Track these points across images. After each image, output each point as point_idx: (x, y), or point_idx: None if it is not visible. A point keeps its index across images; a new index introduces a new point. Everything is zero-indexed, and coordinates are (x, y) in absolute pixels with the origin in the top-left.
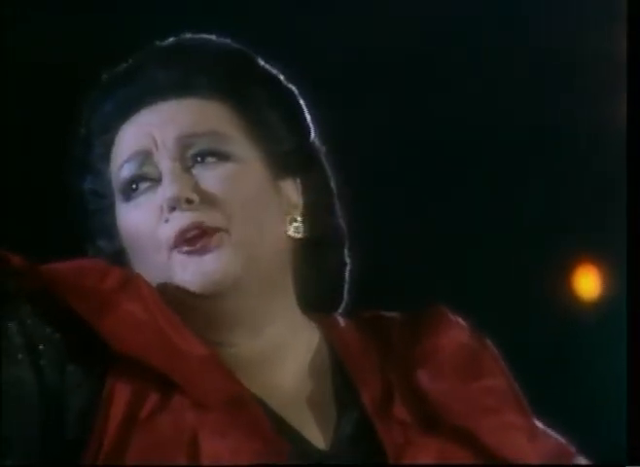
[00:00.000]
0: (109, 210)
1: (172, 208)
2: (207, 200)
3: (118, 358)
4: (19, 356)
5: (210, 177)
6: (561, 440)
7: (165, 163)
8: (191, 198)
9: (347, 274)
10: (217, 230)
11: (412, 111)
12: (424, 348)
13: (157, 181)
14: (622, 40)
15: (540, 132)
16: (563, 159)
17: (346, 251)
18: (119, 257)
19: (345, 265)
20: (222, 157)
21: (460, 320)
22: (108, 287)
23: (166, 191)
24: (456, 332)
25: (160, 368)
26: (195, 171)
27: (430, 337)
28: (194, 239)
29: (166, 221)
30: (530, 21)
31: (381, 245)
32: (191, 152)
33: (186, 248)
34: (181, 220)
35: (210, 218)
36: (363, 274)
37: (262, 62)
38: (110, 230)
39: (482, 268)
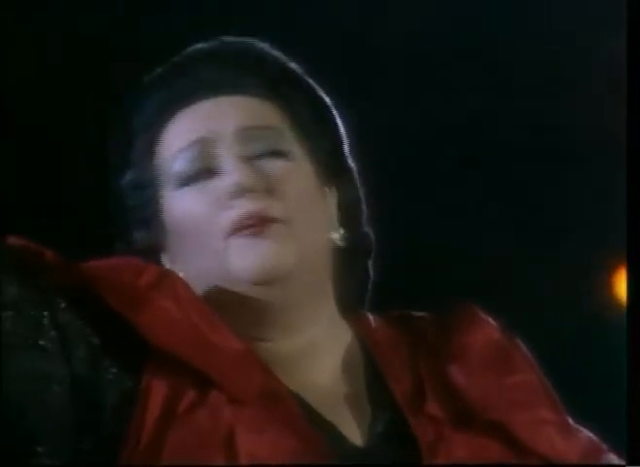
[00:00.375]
0: (151, 202)
1: (234, 196)
2: (268, 190)
3: (153, 354)
4: (52, 348)
5: (270, 169)
6: (593, 437)
7: (225, 153)
8: (253, 187)
9: (370, 286)
10: (276, 220)
11: (412, 111)
12: (455, 345)
13: (213, 171)
14: (622, 40)
15: (540, 133)
16: (562, 159)
17: (370, 262)
18: (152, 252)
19: (369, 277)
20: (280, 153)
21: (490, 319)
22: (144, 284)
23: (228, 179)
24: (487, 329)
25: (195, 364)
26: (254, 163)
27: (461, 334)
28: (253, 227)
29: (226, 208)
30: (530, 22)
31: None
32: (250, 145)
33: (244, 235)
34: (243, 207)
35: (271, 208)
36: (391, 278)
37: (300, 70)
38: (150, 222)
39: (484, 269)
